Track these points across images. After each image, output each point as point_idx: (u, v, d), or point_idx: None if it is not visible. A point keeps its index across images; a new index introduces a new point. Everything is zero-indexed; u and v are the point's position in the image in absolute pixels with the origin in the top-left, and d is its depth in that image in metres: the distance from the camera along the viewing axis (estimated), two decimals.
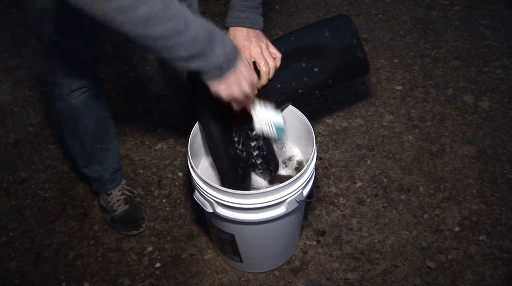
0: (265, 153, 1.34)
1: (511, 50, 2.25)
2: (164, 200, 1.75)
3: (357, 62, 1.39)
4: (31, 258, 1.61)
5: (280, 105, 1.31)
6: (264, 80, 1.24)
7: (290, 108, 1.37)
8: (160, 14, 0.87)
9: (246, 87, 1.09)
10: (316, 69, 1.33)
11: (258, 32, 1.25)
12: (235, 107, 1.13)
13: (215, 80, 1.04)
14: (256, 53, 1.22)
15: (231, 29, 1.24)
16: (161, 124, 2.01)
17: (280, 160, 1.41)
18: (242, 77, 1.08)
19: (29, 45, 2.42)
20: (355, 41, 1.38)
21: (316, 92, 1.38)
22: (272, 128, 1.23)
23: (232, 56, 1.04)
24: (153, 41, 0.90)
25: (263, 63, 1.22)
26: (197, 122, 1.34)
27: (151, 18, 0.86)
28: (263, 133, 1.25)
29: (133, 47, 2.39)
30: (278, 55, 1.26)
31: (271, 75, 1.25)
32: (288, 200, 1.20)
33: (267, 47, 1.24)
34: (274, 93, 1.29)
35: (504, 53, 2.23)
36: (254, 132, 1.31)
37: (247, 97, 1.11)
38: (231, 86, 1.06)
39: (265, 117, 1.22)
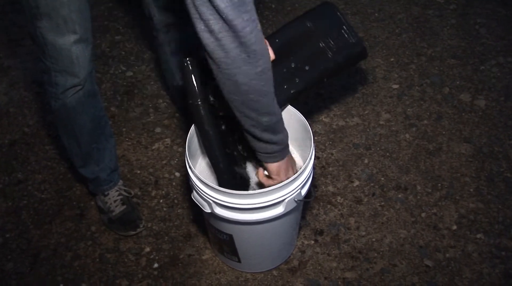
0: None
1: (507, 49, 2.26)
2: (161, 201, 1.74)
3: (351, 48, 1.31)
4: (28, 260, 1.60)
5: None
6: None
7: (288, 107, 1.37)
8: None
9: (293, 173, 1.23)
10: (306, 67, 1.29)
11: None
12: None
13: (277, 160, 1.18)
14: None
15: None
16: (158, 124, 2.00)
17: None
18: (293, 163, 1.25)
19: (24, 45, 2.41)
20: (344, 27, 1.31)
21: (312, 87, 1.36)
22: None
23: (288, 141, 1.18)
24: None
25: None
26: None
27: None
28: None
29: (129, 47, 2.39)
30: (272, 56, 1.25)
31: None
32: (286, 200, 1.20)
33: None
34: None
35: (499, 52, 2.24)
36: None
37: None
38: (287, 168, 1.22)
39: None
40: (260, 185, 1.40)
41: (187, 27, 1.50)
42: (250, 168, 1.42)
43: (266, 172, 1.26)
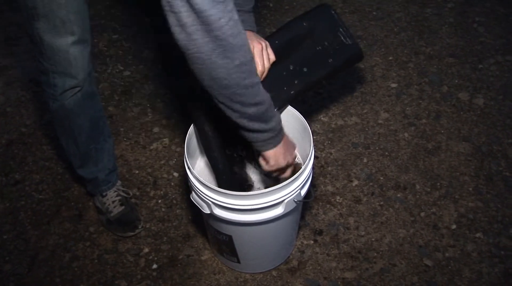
0: None
1: (505, 47, 2.25)
2: (160, 201, 1.73)
3: (347, 49, 1.32)
4: (26, 261, 1.59)
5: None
6: None
7: (287, 107, 1.37)
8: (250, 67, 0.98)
9: (292, 156, 1.21)
10: (305, 69, 1.30)
11: (255, 33, 1.25)
12: (277, 174, 1.24)
13: (271, 147, 1.14)
14: (257, 51, 1.21)
15: None
16: (156, 124, 2.00)
17: None
18: (290, 146, 1.21)
19: (21, 45, 2.39)
20: (341, 29, 1.31)
21: (311, 88, 1.36)
22: None
23: (281, 125, 1.14)
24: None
25: (259, 64, 1.21)
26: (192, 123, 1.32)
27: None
28: None
29: (126, 46, 2.38)
30: (272, 57, 1.25)
31: (262, 77, 1.24)
32: (286, 201, 1.20)
33: (266, 47, 1.24)
34: None
35: (498, 50, 2.24)
36: None
37: (289, 165, 1.23)
38: (284, 153, 1.18)
39: None
40: (264, 183, 1.40)
41: None
42: (251, 169, 1.42)
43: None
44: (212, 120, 1.23)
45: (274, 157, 1.17)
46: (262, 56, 1.22)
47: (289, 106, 1.36)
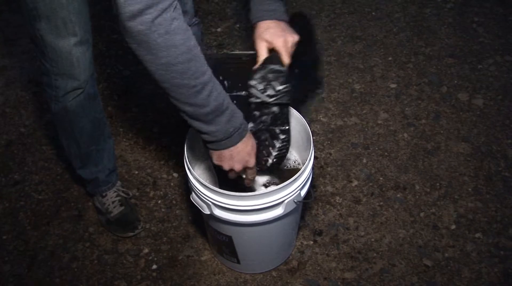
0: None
1: (504, 47, 2.26)
2: (159, 201, 1.73)
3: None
4: (26, 261, 1.59)
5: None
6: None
7: None
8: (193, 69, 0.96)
9: (236, 168, 1.14)
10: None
11: (287, 24, 1.23)
12: (232, 175, 1.19)
13: (213, 147, 1.10)
14: (283, 45, 1.19)
15: (262, 23, 1.21)
16: (155, 124, 2.00)
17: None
18: (237, 158, 1.12)
19: (20, 45, 2.39)
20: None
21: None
22: None
23: (236, 134, 1.08)
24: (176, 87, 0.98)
25: (285, 58, 1.20)
26: None
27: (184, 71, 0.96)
28: None
29: (126, 46, 2.37)
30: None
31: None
32: (286, 201, 1.20)
33: (295, 43, 1.22)
34: None
35: (497, 51, 2.24)
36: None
37: (237, 173, 1.17)
38: (222, 160, 1.13)
39: None
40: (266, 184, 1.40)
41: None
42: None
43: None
44: None
45: (216, 157, 1.14)
46: (288, 52, 1.20)
47: (290, 107, 1.36)
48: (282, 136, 1.24)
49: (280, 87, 1.18)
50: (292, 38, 1.20)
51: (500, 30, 2.35)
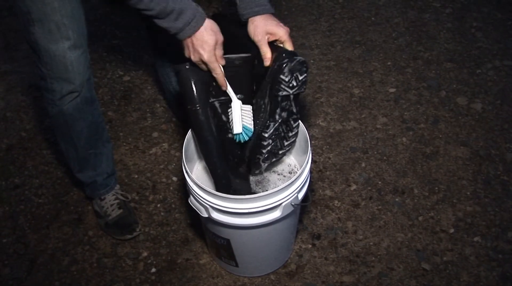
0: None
1: (503, 52, 2.27)
2: (159, 205, 1.74)
3: None
4: (25, 265, 1.59)
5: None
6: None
7: None
8: None
9: (193, 58, 1.17)
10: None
11: (273, 16, 1.28)
12: (202, 68, 1.21)
13: (178, 38, 1.15)
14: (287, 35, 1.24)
15: (258, 17, 1.25)
16: (155, 129, 2.00)
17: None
18: (201, 42, 1.15)
19: (21, 50, 2.41)
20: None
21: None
22: (240, 125, 1.26)
23: (187, 28, 1.13)
24: None
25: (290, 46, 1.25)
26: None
27: None
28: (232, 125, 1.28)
29: (126, 51, 2.39)
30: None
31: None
32: (283, 204, 1.20)
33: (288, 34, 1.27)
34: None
35: (495, 55, 2.25)
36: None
37: (204, 62, 1.18)
38: (186, 50, 1.18)
39: (238, 113, 1.26)
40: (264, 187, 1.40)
41: None
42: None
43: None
44: (210, 125, 1.24)
45: (184, 48, 1.19)
46: (291, 41, 1.25)
47: None
48: (294, 125, 1.30)
49: (301, 77, 1.22)
50: (287, 28, 1.26)
51: (498, 35, 2.36)
